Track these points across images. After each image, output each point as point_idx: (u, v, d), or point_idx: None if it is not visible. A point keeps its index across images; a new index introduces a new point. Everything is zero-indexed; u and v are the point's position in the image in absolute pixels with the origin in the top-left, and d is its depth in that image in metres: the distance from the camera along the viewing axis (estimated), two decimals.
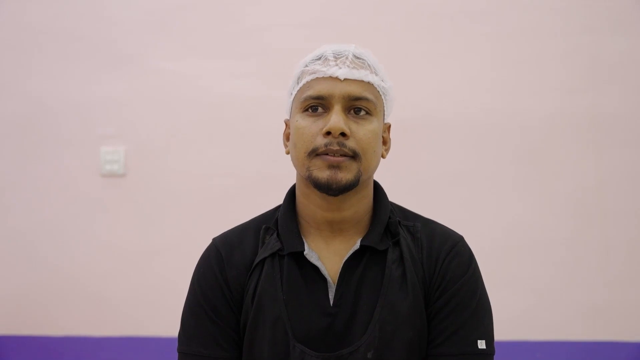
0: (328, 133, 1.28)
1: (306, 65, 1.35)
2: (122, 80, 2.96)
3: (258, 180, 2.89)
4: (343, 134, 1.28)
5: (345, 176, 1.28)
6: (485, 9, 2.91)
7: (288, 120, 1.40)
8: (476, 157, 2.91)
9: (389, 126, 1.42)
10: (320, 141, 1.28)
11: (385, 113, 1.39)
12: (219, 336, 1.34)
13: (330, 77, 1.31)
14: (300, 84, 1.34)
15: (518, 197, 2.90)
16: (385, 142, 1.40)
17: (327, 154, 1.28)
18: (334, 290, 1.33)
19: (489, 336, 1.35)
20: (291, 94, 1.38)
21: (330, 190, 1.29)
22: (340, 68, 1.31)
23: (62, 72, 2.98)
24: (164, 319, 2.79)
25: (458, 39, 2.92)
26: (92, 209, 2.97)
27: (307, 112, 1.32)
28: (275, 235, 1.37)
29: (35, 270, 2.97)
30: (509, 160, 2.90)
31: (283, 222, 1.38)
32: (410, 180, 2.88)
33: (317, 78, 1.32)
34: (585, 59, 2.89)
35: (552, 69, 2.90)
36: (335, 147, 1.27)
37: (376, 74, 1.34)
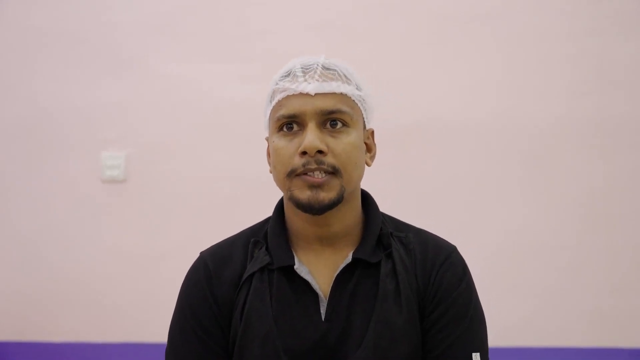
0: (304, 153, 1.25)
1: (276, 83, 1.32)
2: (124, 84, 2.96)
3: (260, 185, 2.85)
4: (320, 152, 1.25)
5: (327, 195, 1.26)
6: (492, 13, 2.89)
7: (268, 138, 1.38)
8: (482, 161, 2.89)
9: (372, 132, 1.38)
10: (298, 162, 1.26)
11: (366, 120, 1.35)
12: (207, 354, 1.32)
13: (301, 94, 1.27)
14: (273, 103, 1.31)
15: (524, 201, 2.88)
16: (370, 149, 1.37)
17: (306, 174, 1.26)
18: (326, 305, 1.30)
19: (483, 348, 1.33)
20: (266, 113, 1.35)
21: (313, 210, 1.26)
22: (310, 83, 1.27)
23: (64, 75, 2.98)
24: (167, 324, 2.78)
25: (464, 43, 2.91)
26: (93, 214, 2.96)
27: (282, 132, 1.29)
28: (264, 248, 1.34)
29: (36, 274, 2.97)
30: (515, 163, 2.89)
31: (272, 235, 1.35)
32: (416, 183, 2.87)
33: (287, 96, 1.28)
34: (592, 62, 2.87)
35: (558, 72, 2.88)
36: (314, 166, 1.25)
37: (349, 84, 1.31)
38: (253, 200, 2.87)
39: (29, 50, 2.99)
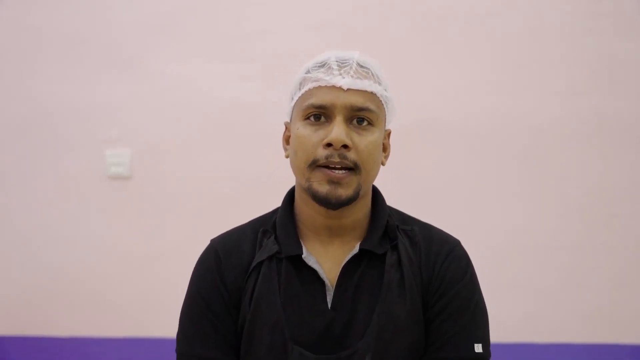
0: (329, 144, 1.27)
1: (308, 72, 1.33)
2: (127, 83, 2.96)
3: (263, 183, 2.89)
4: (345, 146, 1.27)
5: (345, 192, 1.27)
6: (489, 12, 2.90)
7: (288, 123, 1.39)
8: (480, 161, 2.90)
9: (389, 133, 1.41)
10: (321, 153, 1.27)
11: (387, 120, 1.37)
12: (217, 338, 1.34)
13: (334, 87, 1.28)
14: (303, 91, 1.32)
15: (522, 200, 2.89)
16: (385, 149, 1.39)
17: (327, 167, 1.27)
18: (332, 294, 1.32)
19: (485, 340, 1.35)
20: (292, 98, 1.36)
21: (329, 204, 1.28)
22: (344, 77, 1.29)
23: (67, 75, 2.98)
24: (168, 320, 2.78)
25: (462, 42, 2.91)
26: (97, 212, 2.97)
27: (308, 121, 1.30)
28: (273, 238, 1.36)
29: (40, 272, 2.98)
30: (512, 163, 2.89)
31: (281, 225, 1.37)
32: (414, 183, 2.88)
33: (319, 86, 1.29)
34: (589, 61, 2.88)
35: (555, 72, 2.89)
36: (337, 160, 1.26)
37: (380, 84, 1.32)
38: (253, 200, 2.87)
39: (29, 50, 3.00)
